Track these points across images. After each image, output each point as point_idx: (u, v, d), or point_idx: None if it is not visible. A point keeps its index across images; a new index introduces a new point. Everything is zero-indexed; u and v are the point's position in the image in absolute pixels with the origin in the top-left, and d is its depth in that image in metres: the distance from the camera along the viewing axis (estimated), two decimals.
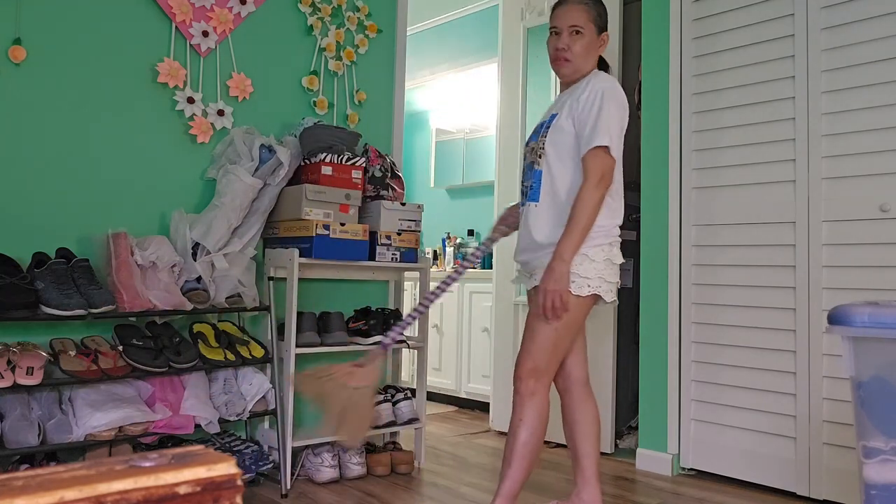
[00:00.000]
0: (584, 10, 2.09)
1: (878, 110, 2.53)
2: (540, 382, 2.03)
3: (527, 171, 2.17)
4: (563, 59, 2.10)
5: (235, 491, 0.55)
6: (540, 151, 2.10)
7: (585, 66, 2.11)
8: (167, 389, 2.44)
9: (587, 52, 2.10)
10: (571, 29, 2.08)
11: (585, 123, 2.01)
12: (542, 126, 2.16)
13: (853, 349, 1.50)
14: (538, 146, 2.12)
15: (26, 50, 2.37)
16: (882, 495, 1.47)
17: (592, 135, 1.98)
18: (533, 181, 2.11)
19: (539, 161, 2.10)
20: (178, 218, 2.60)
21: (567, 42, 2.08)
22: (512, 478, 1.98)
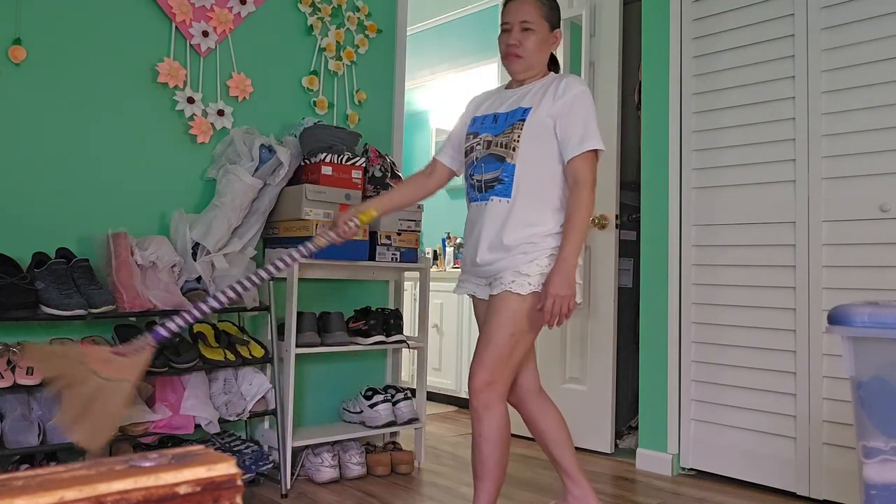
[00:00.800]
0: (535, 5, 2.04)
1: (878, 110, 2.53)
2: (495, 394, 1.96)
3: (486, 163, 2.01)
4: (514, 56, 2.04)
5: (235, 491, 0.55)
6: (514, 145, 1.98)
7: (538, 63, 2.07)
8: (167, 389, 2.44)
9: (539, 49, 2.05)
10: (523, 25, 2.02)
11: (573, 126, 1.95)
12: (504, 118, 2.03)
13: (853, 349, 1.50)
14: (509, 139, 1.99)
15: (26, 50, 2.37)
16: (882, 495, 1.47)
17: (585, 138, 1.95)
18: (503, 175, 1.98)
19: (512, 155, 1.98)
20: (178, 218, 2.60)
21: (518, 38, 2.02)
22: (487, 490, 1.98)
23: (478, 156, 2.04)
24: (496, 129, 2.03)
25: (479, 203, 2.03)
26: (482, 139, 2.04)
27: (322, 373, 3.05)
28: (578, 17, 3.53)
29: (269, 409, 2.61)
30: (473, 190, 2.05)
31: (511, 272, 1.95)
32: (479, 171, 2.03)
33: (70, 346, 1.95)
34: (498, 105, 2.08)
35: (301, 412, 2.93)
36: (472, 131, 2.09)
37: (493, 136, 2.02)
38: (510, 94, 2.09)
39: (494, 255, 1.98)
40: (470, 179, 2.07)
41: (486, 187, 2.01)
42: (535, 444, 3.44)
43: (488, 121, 2.07)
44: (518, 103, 2.03)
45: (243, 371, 2.65)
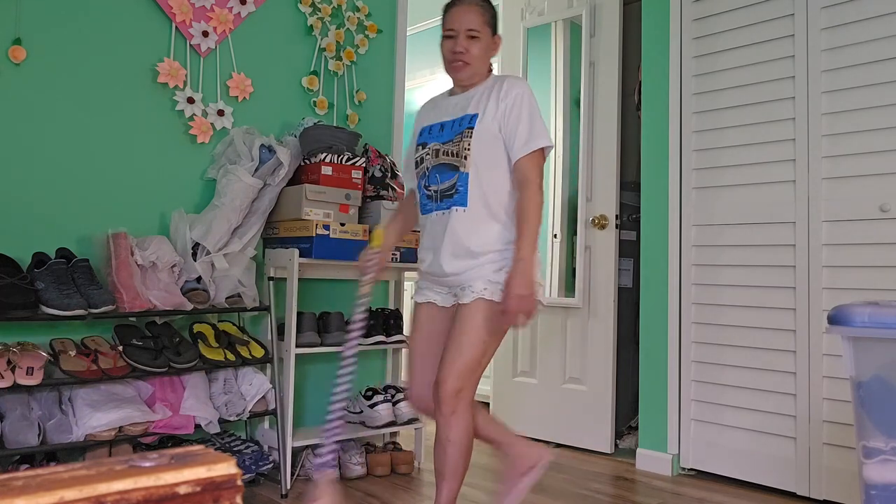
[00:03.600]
0: (479, 12, 2.03)
1: (878, 110, 2.53)
2: (464, 401, 1.94)
3: (440, 173, 2.00)
4: (462, 63, 2.01)
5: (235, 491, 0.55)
6: (464, 153, 1.96)
7: (482, 68, 2.05)
8: (167, 389, 2.44)
9: (484, 55, 2.04)
10: (469, 32, 2.00)
11: (517, 127, 1.96)
12: (451, 126, 2.02)
13: (853, 349, 1.50)
14: (459, 148, 1.98)
15: (26, 50, 2.37)
16: (882, 495, 1.47)
17: (531, 137, 1.95)
18: (458, 184, 1.97)
19: (464, 163, 1.96)
20: (178, 218, 2.60)
21: (465, 45, 2.00)
22: (450, 489, 1.98)
23: (429, 166, 2.02)
24: (443, 137, 2.02)
25: (438, 213, 2.01)
26: (431, 149, 2.03)
27: (322, 373, 3.05)
28: (578, 17, 3.53)
29: (269, 409, 2.61)
30: (431, 201, 2.03)
31: (482, 281, 1.94)
32: (434, 181, 2.01)
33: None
34: (443, 113, 2.07)
35: (301, 412, 2.93)
36: (420, 142, 2.07)
37: (441, 145, 2.01)
38: (454, 100, 2.07)
39: (462, 263, 1.96)
40: (425, 190, 2.04)
41: (443, 196, 1.99)
42: (535, 444, 3.44)
43: (435, 130, 2.05)
44: (464, 110, 2.01)
45: (243, 371, 2.65)
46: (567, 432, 3.41)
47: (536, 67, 3.74)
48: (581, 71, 3.49)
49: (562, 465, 3.10)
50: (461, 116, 2.01)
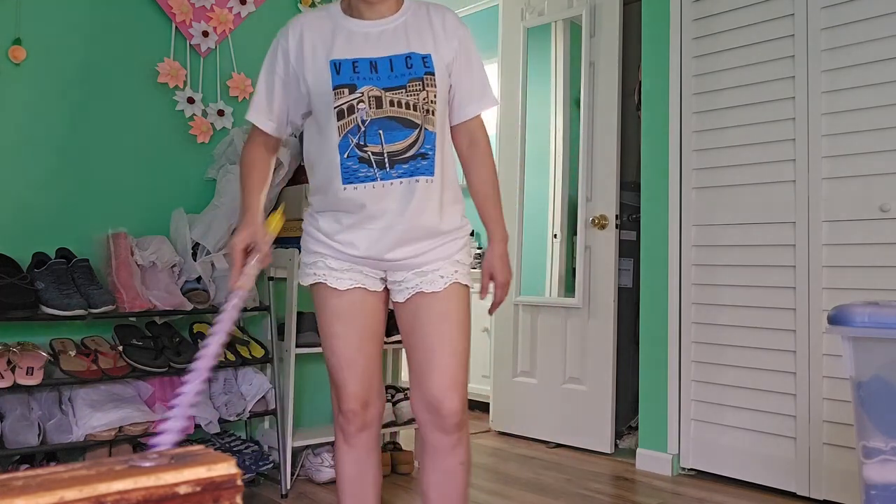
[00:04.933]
0: None
1: (878, 110, 2.53)
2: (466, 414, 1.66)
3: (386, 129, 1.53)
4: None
5: (235, 491, 0.55)
6: (430, 107, 1.54)
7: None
8: (167, 389, 2.44)
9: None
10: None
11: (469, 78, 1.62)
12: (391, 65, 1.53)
13: (853, 349, 1.50)
14: (418, 99, 1.53)
15: (26, 50, 2.37)
16: (882, 495, 1.47)
17: (485, 92, 1.65)
18: (424, 147, 1.54)
19: (430, 120, 1.55)
20: (178, 218, 2.60)
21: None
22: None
23: (364, 118, 1.52)
24: (384, 80, 1.53)
25: (384, 183, 1.53)
26: (367, 95, 1.52)
27: (322, 373, 3.03)
28: (578, 17, 3.53)
29: (269, 409, 2.61)
30: (367, 165, 1.53)
31: (449, 262, 1.61)
32: (375, 139, 1.52)
33: None
34: (364, 45, 1.55)
35: (301, 412, 2.93)
36: (341, 83, 1.52)
37: (385, 92, 1.52)
38: (371, 28, 1.56)
39: (421, 244, 1.58)
40: (356, 151, 1.53)
41: (396, 162, 1.53)
42: (535, 444, 3.45)
43: (363, 68, 1.53)
44: (404, 45, 1.55)
45: (243, 371, 2.65)
46: (567, 432, 3.41)
47: (536, 67, 3.74)
48: (581, 71, 3.49)
49: (562, 465, 3.10)
50: (404, 54, 1.54)
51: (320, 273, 1.61)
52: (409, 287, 1.60)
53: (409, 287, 1.60)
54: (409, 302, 1.61)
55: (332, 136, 1.54)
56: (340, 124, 1.53)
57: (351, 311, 1.62)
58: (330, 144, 1.54)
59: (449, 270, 1.61)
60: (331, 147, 1.54)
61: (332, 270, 1.60)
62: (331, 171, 1.56)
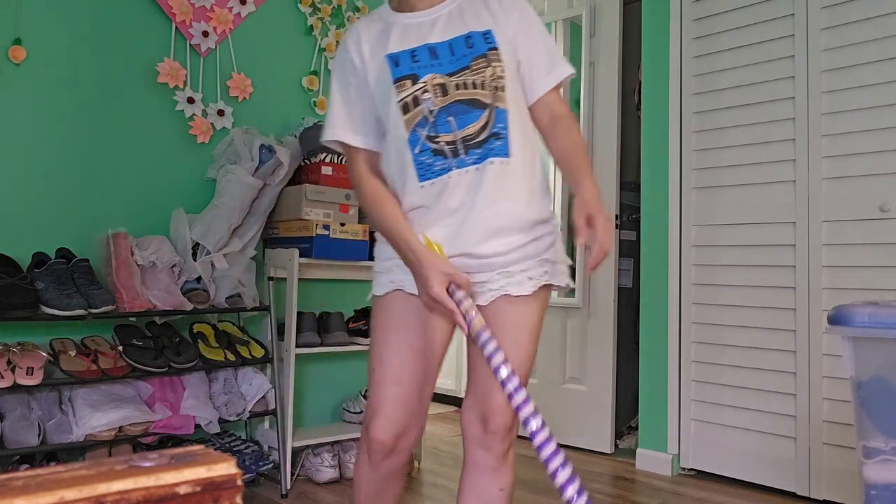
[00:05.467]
0: None
1: (878, 110, 2.53)
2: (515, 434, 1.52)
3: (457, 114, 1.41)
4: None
5: (235, 491, 0.55)
6: (499, 83, 1.42)
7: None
8: (167, 389, 2.44)
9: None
10: None
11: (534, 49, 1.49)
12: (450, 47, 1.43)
13: (853, 349, 1.50)
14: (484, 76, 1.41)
15: (26, 50, 2.37)
16: (882, 495, 1.47)
17: (555, 62, 1.50)
18: (496, 125, 1.42)
19: (500, 97, 1.42)
20: (178, 218, 2.60)
21: None
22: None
23: (431, 108, 1.41)
24: (445, 64, 1.42)
25: (457, 173, 1.41)
26: (429, 83, 1.41)
27: (322, 373, 3.05)
28: (578, 17, 3.53)
29: (269, 409, 2.61)
30: (442, 157, 1.41)
31: (538, 261, 1.46)
32: (446, 127, 1.40)
33: None
34: (419, 35, 1.46)
35: (301, 412, 2.93)
36: (402, 75, 1.42)
37: (448, 77, 1.41)
38: (423, 18, 1.48)
39: (505, 239, 1.43)
40: (430, 144, 1.41)
41: (470, 147, 1.41)
42: None
43: (423, 56, 1.43)
44: (457, 27, 1.45)
45: (243, 371, 2.65)
46: (567, 432, 3.41)
47: None
48: (581, 71, 3.49)
49: None
50: (464, 35, 1.44)
51: (397, 279, 1.46)
52: (493, 289, 1.44)
53: (494, 289, 1.44)
54: (492, 305, 1.44)
55: (400, 132, 1.43)
56: (407, 118, 1.41)
57: (417, 322, 1.46)
58: (399, 142, 1.43)
59: (538, 271, 1.46)
60: (401, 144, 1.43)
61: (409, 276, 1.43)
62: (405, 168, 1.43)
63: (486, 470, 1.48)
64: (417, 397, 1.47)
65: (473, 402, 1.49)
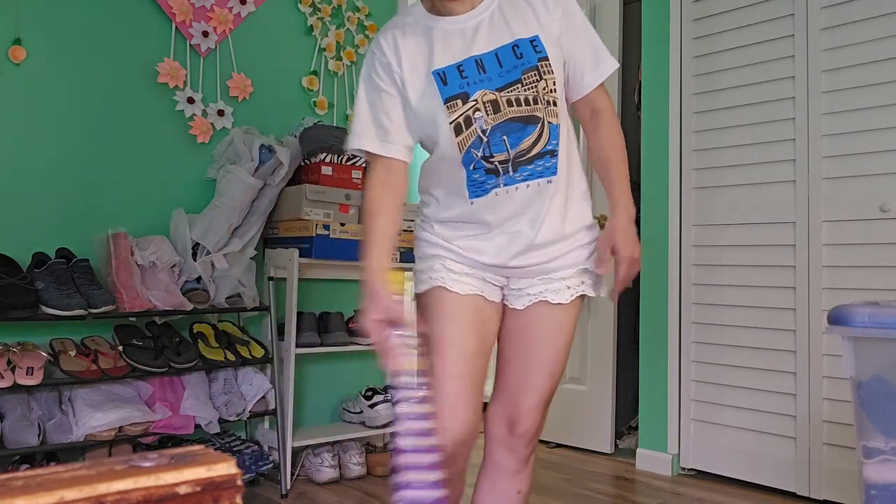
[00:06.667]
0: None
1: (878, 110, 2.53)
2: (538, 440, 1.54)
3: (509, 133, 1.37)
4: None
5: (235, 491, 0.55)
6: (550, 97, 1.38)
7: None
8: (167, 389, 2.44)
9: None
10: None
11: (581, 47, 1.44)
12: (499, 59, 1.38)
13: (853, 349, 1.50)
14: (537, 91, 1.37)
15: (26, 50, 2.37)
16: (882, 495, 1.47)
17: (600, 58, 1.46)
18: (550, 143, 1.39)
19: (553, 112, 1.39)
20: (178, 218, 2.60)
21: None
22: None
23: (484, 126, 1.36)
24: (495, 79, 1.37)
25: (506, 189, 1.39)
26: (480, 100, 1.36)
27: (322, 373, 3.05)
28: None
29: (269, 409, 2.61)
30: (493, 175, 1.38)
31: (577, 270, 1.47)
32: (500, 147, 1.37)
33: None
34: (464, 43, 1.39)
35: (301, 412, 2.93)
36: (452, 94, 1.37)
37: (499, 92, 1.36)
38: (460, 22, 1.40)
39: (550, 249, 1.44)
40: (483, 163, 1.38)
41: (517, 165, 1.38)
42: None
43: (470, 70, 1.38)
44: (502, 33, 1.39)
45: (243, 371, 2.65)
46: (567, 432, 3.41)
47: None
48: None
49: (562, 465, 3.10)
50: (510, 43, 1.38)
51: (437, 276, 1.44)
52: (531, 294, 1.45)
53: (532, 294, 1.45)
54: (528, 310, 1.46)
55: (452, 153, 1.39)
56: (460, 140, 1.37)
57: (470, 318, 1.43)
58: (452, 161, 1.40)
59: (576, 280, 1.47)
60: (453, 163, 1.40)
61: (451, 273, 1.43)
62: (457, 185, 1.42)
63: (508, 472, 1.49)
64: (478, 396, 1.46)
65: (501, 403, 1.49)
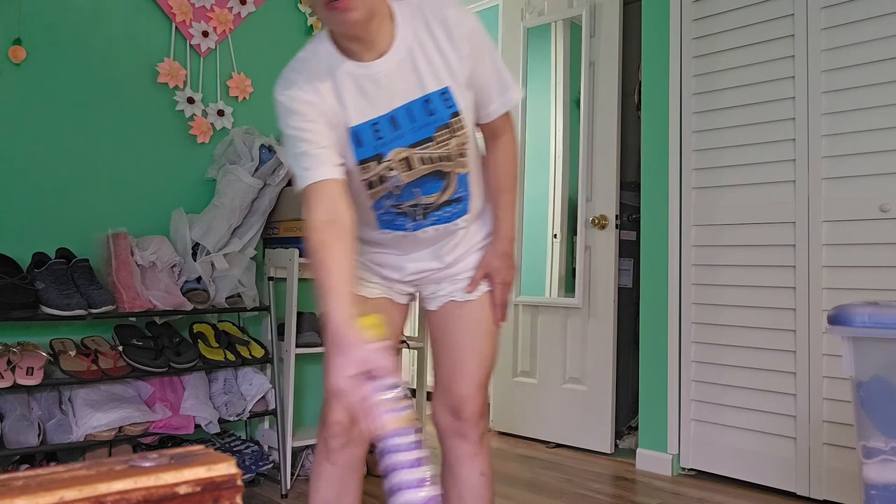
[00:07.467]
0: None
1: (878, 110, 2.53)
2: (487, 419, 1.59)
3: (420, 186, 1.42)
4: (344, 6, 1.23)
5: (235, 491, 0.55)
6: (462, 150, 1.42)
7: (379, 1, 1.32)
8: (167, 389, 2.44)
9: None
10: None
11: (487, 80, 1.43)
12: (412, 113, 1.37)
13: (853, 349, 1.50)
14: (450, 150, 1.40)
15: (26, 50, 2.37)
16: (882, 495, 1.47)
17: (504, 88, 1.46)
18: (458, 192, 1.47)
19: (463, 163, 1.45)
20: (178, 218, 2.60)
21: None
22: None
23: (398, 183, 1.41)
24: (407, 135, 1.38)
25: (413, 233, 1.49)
26: (394, 160, 1.39)
27: (322, 373, 3.05)
28: (578, 17, 3.53)
29: (269, 409, 2.62)
30: (406, 217, 1.47)
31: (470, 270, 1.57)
32: (410, 196, 1.44)
33: None
34: (380, 97, 1.36)
35: (301, 412, 2.93)
36: (366, 157, 1.38)
37: (412, 150, 1.39)
38: (372, 68, 1.35)
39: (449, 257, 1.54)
40: (392, 209, 1.46)
41: (427, 212, 1.47)
42: (535, 444, 3.45)
43: (385, 129, 1.37)
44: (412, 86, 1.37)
45: (243, 371, 2.65)
46: (567, 432, 3.41)
47: (536, 67, 3.74)
48: (581, 71, 3.49)
49: (562, 465, 3.10)
50: (422, 98, 1.37)
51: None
52: (442, 295, 1.56)
53: (443, 295, 1.56)
54: (442, 310, 1.56)
55: (363, 200, 1.45)
56: (372, 192, 1.43)
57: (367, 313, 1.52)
58: (364, 202, 1.46)
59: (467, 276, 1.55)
60: (365, 205, 1.46)
61: (362, 280, 1.53)
62: (369, 219, 1.50)
63: (466, 458, 1.55)
64: None
65: (441, 396, 1.57)
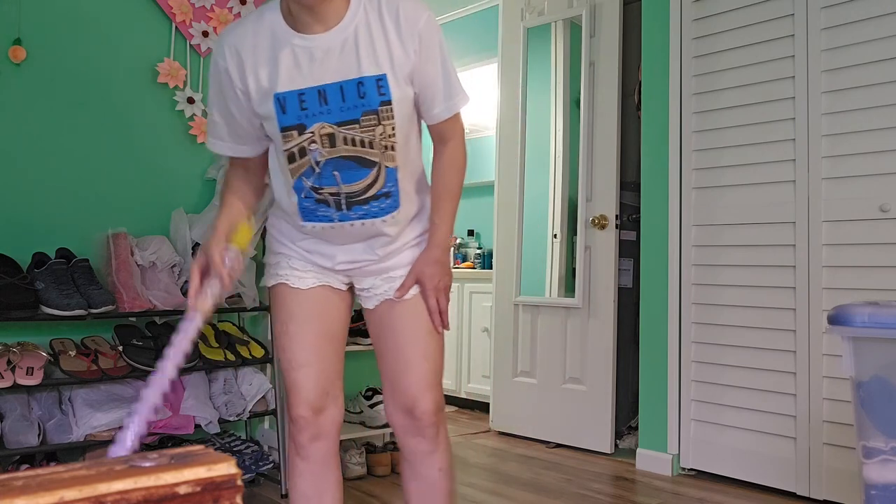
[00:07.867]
0: None
1: (878, 110, 2.53)
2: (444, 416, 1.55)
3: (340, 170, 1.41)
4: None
5: (235, 491, 0.55)
6: (389, 142, 1.40)
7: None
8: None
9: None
10: None
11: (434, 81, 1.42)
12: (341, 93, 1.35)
13: (853, 349, 1.50)
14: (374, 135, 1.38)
15: (26, 50, 2.37)
16: (882, 495, 1.47)
17: (452, 92, 1.46)
18: (386, 186, 1.44)
19: (390, 157, 1.42)
20: (178, 218, 2.61)
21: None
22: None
23: (318, 159, 1.39)
24: (335, 112, 1.37)
25: (339, 224, 1.46)
26: (317, 132, 1.38)
27: None
28: (578, 17, 3.53)
29: (269, 409, 2.62)
30: (327, 206, 1.44)
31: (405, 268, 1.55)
32: (331, 181, 1.41)
33: None
34: (311, 69, 1.35)
35: None
36: (289, 125, 1.38)
37: (337, 128, 1.37)
38: (313, 41, 1.35)
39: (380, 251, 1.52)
40: (313, 193, 1.43)
41: (354, 203, 1.44)
42: (535, 444, 3.45)
43: (311, 101, 1.36)
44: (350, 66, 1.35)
45: (243, 371, 2.65)
46: (567, 432, 3.41)
47: (536, 67, 3.74)
48: (581, 71, 3.49)
49: (562, 465, 3.10)
50: (355, 80, 1.36)
51: (283, 273, 1.54)
52: (377, 294, 1.54)
53: (378, 294, 1.54)
54: (378, 308, 1.55)
55: (285, 176, 1.45)
56: (293, 167, 1.42)
57: (310, 310, 1.53)
58: (286, 182, 1.46)
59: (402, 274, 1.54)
60: (287, 185, 1.46)
61: (295, 270, 1.54)
62: (290, 205, 1.49)
63: (422, 455, 1.53)
64: (326, 376, 1.53)
65: (391, 395, 1.54)
